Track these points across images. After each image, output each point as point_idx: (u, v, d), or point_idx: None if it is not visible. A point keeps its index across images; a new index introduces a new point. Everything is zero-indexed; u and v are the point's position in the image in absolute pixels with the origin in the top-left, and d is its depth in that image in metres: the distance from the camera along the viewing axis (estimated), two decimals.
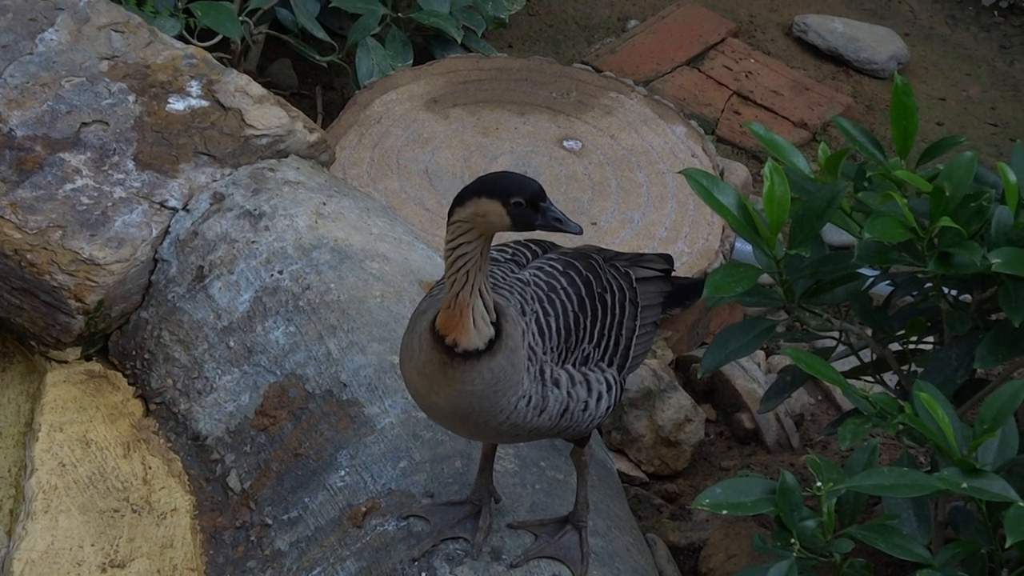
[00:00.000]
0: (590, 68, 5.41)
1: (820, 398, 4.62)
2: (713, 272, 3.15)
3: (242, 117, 4.14)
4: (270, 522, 3.47)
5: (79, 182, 3.97)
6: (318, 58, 5.47)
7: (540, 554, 3.20)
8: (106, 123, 4.10)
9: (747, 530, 3.84)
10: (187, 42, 4.86)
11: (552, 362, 2.99)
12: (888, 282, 3.44)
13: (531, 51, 6.10)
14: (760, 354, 4.72)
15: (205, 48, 4.64)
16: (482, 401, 2.90)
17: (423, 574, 3.16)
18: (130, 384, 3.85)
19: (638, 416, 4.24)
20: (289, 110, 4.20)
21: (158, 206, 3.96)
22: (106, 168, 4.00)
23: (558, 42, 6.22)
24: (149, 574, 3.45)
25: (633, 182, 4.79)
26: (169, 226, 3.94)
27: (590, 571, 3.20)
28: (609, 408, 3.10)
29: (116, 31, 4.32)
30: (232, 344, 3.76)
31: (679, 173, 3.41)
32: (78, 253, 3.83)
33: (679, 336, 4.65)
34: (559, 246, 3.22)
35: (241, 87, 4.22)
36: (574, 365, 3.03)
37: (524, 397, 2.93)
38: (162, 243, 3.92)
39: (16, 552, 3.44)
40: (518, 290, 3.00)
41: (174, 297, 3.86)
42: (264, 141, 4.12)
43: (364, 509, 3.35)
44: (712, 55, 6.14)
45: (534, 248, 3.17)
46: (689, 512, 4.10)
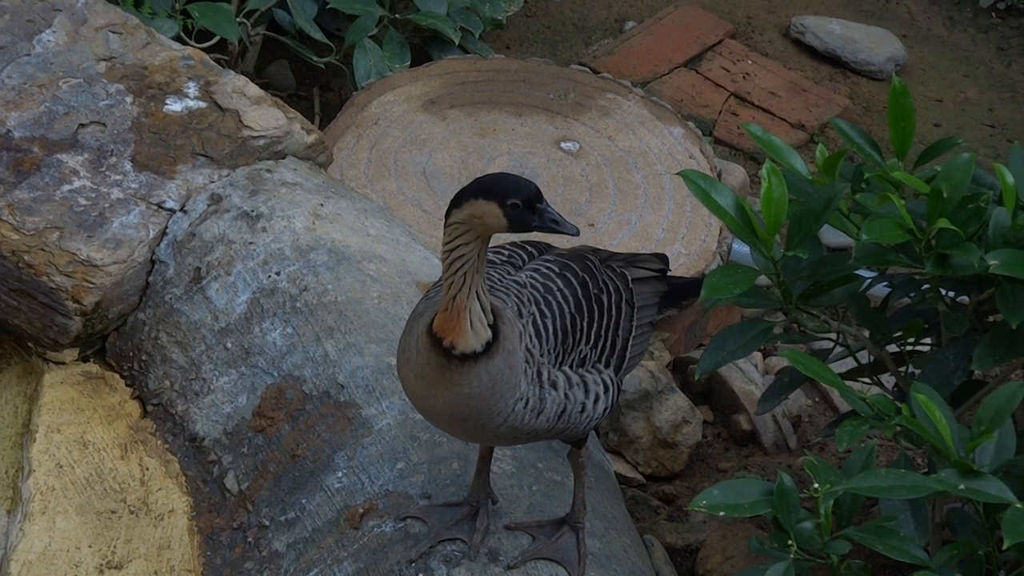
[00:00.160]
0: (588, 69, 5.41)
1: (817, 400, 4.62)
2: (711, 273, 3.15)
3: (239, 118, 4.14)
4: (267, 523, 3.47)
5: (76, 183, 3.96)
6: (315, 59, 5.47)
7: (537, 555, 3.19)
8: (103, 124, 4.10)
9: (744, 531, 3.84)
10: (184, 43, 4.86)
11: (549, 364, 2.99)
12: (885, 284, 3.44)
13: (528, 52, 6.10)
14: (757, 355, 4.72)
15: (202, 49, 4.64)
16: (480, 404, 2.90)
17: (420, 575, 3.16)
18: (127, 385, 3.85)
19: (635, 418, 4.24)
20: (287, 111, 4.20)
21: (155, 207, 3.96)
22: (103, 169, 4.00)
23: (556, 43, 6.23)
24: (146, 575, 3.45)
25: (631, 183, 4.79)
26: (166, 227, 3.94)
27: (587, 572, 3.20)
28: (606, 409, 3.10)
29: (114, 32, 4.32)
30: (229, 345, 3.76)
31: (677, 174, 3.41)
32: (75, 254, 3.82)
33: (676, 338, 4.65)
34: (555, 247, 3.22)
35: (238, 88, 4.22)
36: (571, 367, 3.03)
37: (522, 399, 2.93)
38: (159, 244, 3.92)
39: (14, 553, 3.44)
40: (515, 292, 3.00)
41: (171, 298, 3.86)
42: (261, 142, 4.12)
43: (361, 510, 3.35)
44: (710, 56, 6.15)
45: (530, 250, 3.17)
46: (686, 513, 4.10)
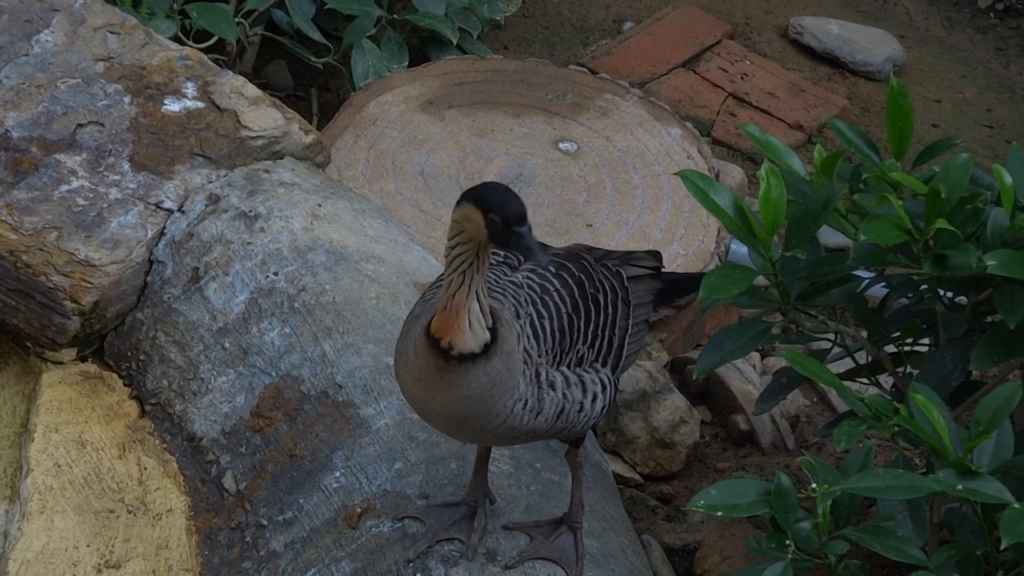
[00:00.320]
0: (586, 70, 5.42)
1: (815, 400, 4.62)
2: (709, 274, 3.15)
3: (238, 119, 4.14)
4: (265, 523, 3.47)
5: (75, 183, 3.96)
6: (314, 60, 5.47)
7: (535, 555, 3.19)
8: (102, 124, 4.10)
9: (742, 532, 3.84)
10: (183, 43, 4.86)
11: (547, 364, 2.99)
12: (884, 284, 3.44)
13: (527, 53, 6.10)
14: (755, 356, 4.72)
15: (201, 49, 4.64)
16: (478, 405, 2.90)
17: (418, 575, 3.16)
18: (125, 385, 3.85)
19: (633, 418, 4.24)
20: (285, 111, 4.20)
21: (154, 207, 3.96)
22: (102, 169, 4.00)
23: (554, 44, 6.23)
24: (144, 575, 3.45)
25: (628, 184, 4.79)
26: (165, 227, 3.94)
27: (585, 572, 3.20)
28: (604, 408, 3.10)
29: (112, 32, 4.32)
30: (227, 345, 3.76)
31: (676, 174, 3.41)
32: (74, 254, 3.82)
33: (674, 338, 4.65)
34: (551, 247, 3.22)
35: (237, 88, 4.22)
36: (569, 367, 3.03)
37: (520, 400, 2.93)
38: (157, 244, 3.92)
39: (12, 552, 3.44)
40: (512, 293, 3.00)
41: (169, 298, 3.86)
42: (260, 143, 4.12)
43: (359, 510, 3.35)
44: (708, 57, 6.15)
45: None
46: (684, 514, 4.10)
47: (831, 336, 3.45)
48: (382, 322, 3.71)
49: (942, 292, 3.28)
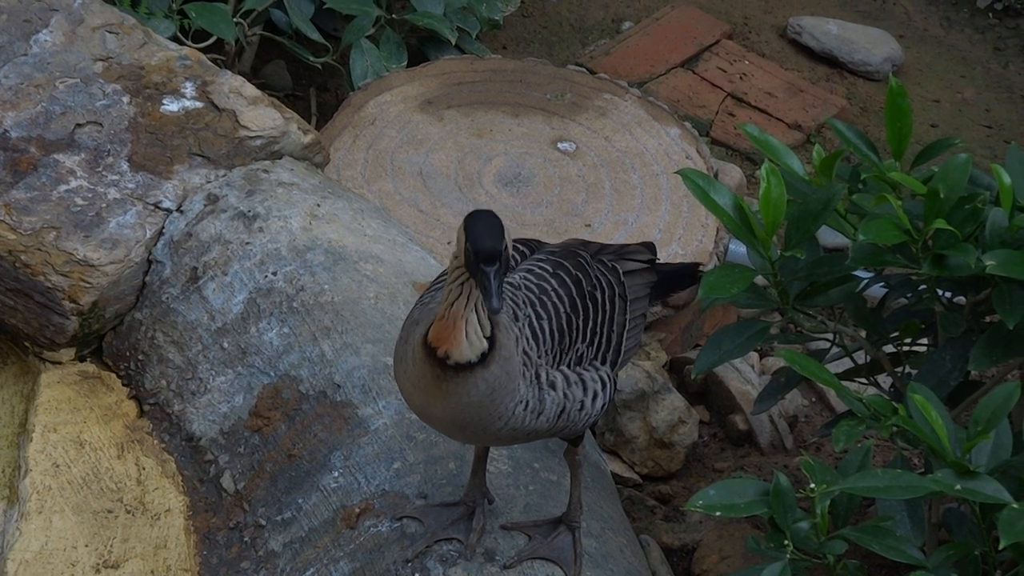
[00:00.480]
0: (584, 70, 5.41)
1: (814, 400, 4.62)
2: (708, 273, 3.15)
3: (236, 118, 4.14)
4: (264, 523, 3.46)
5: (73, 183, 3.96)
6: (312, 59, 5.47)
7: (534, 555, 3.19)
8: (100, 124, 4.10)
9: (741, 531, 3.84)
10: (181, 43, 4.86)
11: (547, 365, 2.99)
12: (882, 284, 3.44)
13: (525, 53, 6.10)
14: (754, 356, 4.72)
15: (199, 49, 4.64)
16: (479, 410, 2.89)
17: (416, 575, 3.16)
18: (124, 385, 3.85)
19: (632, 418, 4.24)
20: (283, 111, 4.20)
21: (152, 207, 3.96)
22: (100, 169, 4.00)
23: (552, 44, 6.23)
24: (143, 575, 3.45)
25: (627, 184, 4.79)
26: (163, 227, 3.94)
27: (583, 572, 3.20)
28: (604, 406, 3.11)
29: (110, 32, 4.32)
30: (226, 345, 3.75)
31: (676, 173, 3.41)
32: (72, 254, 3.82)
33: (673, 338, 4.65)
34: (545, 244, 3.22)
35: (235, 88, 4.22)
36: (568, 366, 3.03)
37: (521, 402, 2.93)
38: (156, 244, 3.92)
39: (10, 552, 3.44)
40: (509, 295, 2.99)
41: (168, 298, 3.86)
42: (258, 142, 4.12)
43: (358, 510, 3.35)
44: (706, 57, 6.15)
45: (522, 249, 3.16)
46: (682, 513, 4.10)
47: (830, 336, 3.45)
48: (381, 322, 3.71)
49: (941, 292, 3.28)
